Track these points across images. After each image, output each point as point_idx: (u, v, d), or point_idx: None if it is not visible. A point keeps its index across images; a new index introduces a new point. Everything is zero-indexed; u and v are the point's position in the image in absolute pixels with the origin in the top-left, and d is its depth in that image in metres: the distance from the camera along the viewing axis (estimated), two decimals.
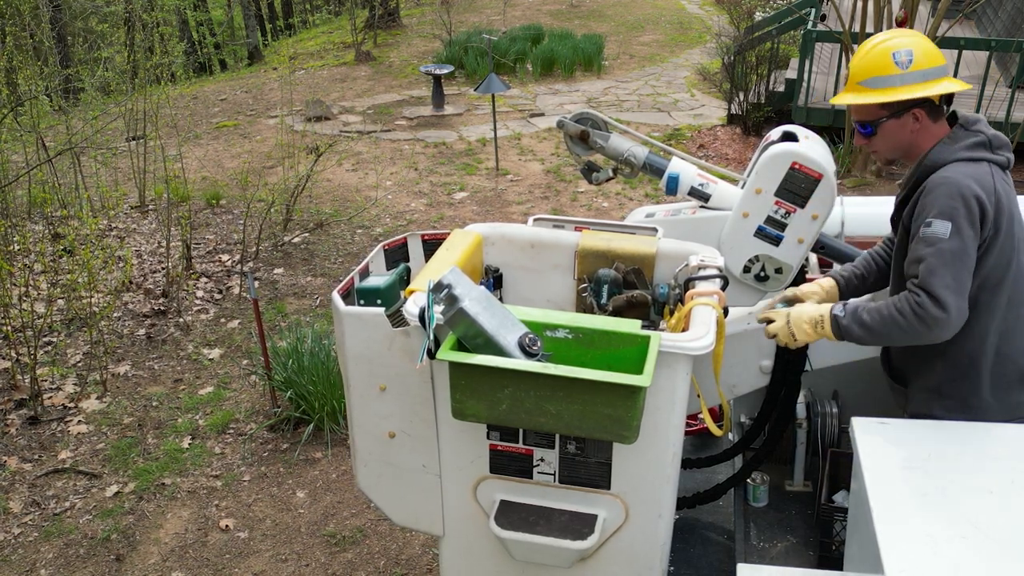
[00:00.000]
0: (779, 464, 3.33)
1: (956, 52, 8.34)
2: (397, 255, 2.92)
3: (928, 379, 2.45)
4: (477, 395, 2.19)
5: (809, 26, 9.04)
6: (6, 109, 6.47)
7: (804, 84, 9.00)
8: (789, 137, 2.95)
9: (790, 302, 2.62)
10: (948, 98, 2.43)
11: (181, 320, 5.83)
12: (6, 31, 7.23)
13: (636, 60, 13.17)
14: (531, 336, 2.21)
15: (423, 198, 8.03)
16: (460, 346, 2.22)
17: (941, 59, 2.37)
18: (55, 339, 5.57)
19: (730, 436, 3.46)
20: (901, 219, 2.46)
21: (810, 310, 2.44)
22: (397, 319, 2.42)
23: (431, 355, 2.22)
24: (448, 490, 2.58)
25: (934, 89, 2.33)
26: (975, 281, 2.28)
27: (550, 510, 2.47)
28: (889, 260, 2.72)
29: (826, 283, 2.72)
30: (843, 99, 2.46)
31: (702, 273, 2.60)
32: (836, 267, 2.98)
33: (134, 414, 4.90)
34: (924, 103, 2.36)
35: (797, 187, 2.82)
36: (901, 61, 2.34)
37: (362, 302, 2.57)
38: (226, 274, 6.53)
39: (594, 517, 2.45)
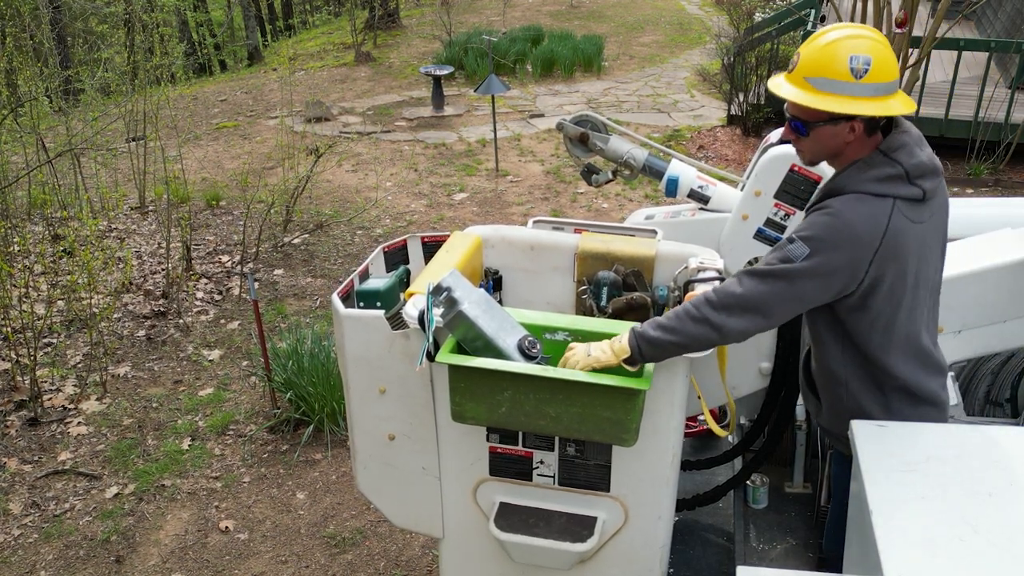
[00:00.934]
0: (779, 466, 3.34)
1: (956, 52, 8.35)
2: (397, 257, 2.93)
3: (837, 403, 2.40)
4: (477, 398, 2.19)
5: (809, 27, 9.04)
6: (6, 110, 6.48)
7: None
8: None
9: None
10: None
11: (181, 321, 5.84)
12: (6, 32, 7.23)
13: (636, 61, 13.18)
14: (530, 339, 2.21)
15: (423, 199, 8.04)
16: (460, 349, 2.23)
17: (895, 72, 2.23)
18: (55, 340, 5.58)
19: (730, 438, 3.47)
20: None
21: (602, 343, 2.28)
22: (397, 322, 2.43)
23: (431, 358, 2.23)
24: (448, 492, 2.58)
25: (882, 108, 2.17)
26: (865, 321, 2.23)
27: (549, 512, 2.48)
28: None
29: None
30: (783, 91, 2.26)
31: (702, 275, 2.60)
32: None
33: (134, 415, 4.91)
34: (860, 116, 2.20)
35: (796, 189, 2.83)
36: (857, 68, 2.16)
37: (362, 304, 2.58)
38: (226, 275, 6.54)
39: (593, 519, 2.45)
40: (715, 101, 10.86)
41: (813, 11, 9.66)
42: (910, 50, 7.99)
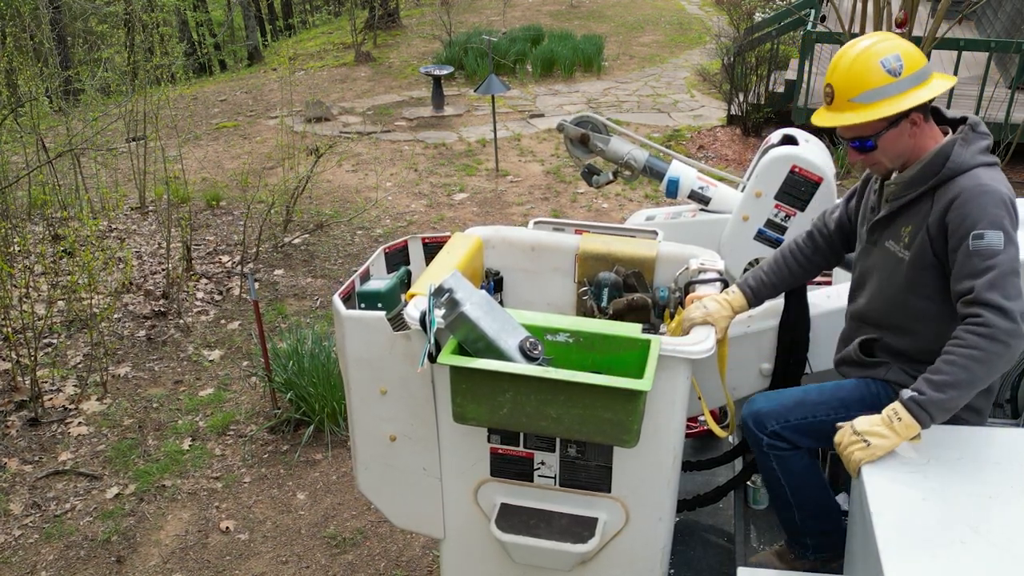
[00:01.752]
0: None
1: (956, 53, 8.35)
2: (398, 258, 2.93)
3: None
4: (478, 399, 2.20)
5: (809, 27, 9.05)
6: (7, 110, 6.48)
7: (804, 85, 9.00)
8: (789, 140, 2.97)
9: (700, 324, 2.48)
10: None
11: (181, 321, 5.84)
12: (6, 32, 7.23)
13: (636, 61, 13.18)
14: (532, 340, 2.22)
15: (423, 199, 8.04)
16: (461, 350, 2.23)
17: (924, 56, 2.29)
18: (55, 340, 5.58)
19: (730, 439, 3.47)
20: (885, 222, 2.39)
21: (871, 418, 2.16)
22: (398, 323, 2.43)
23: (432, 359, 2.23)
24: (449, 493, 2.59)
25: (930, 90, 2.25)
26: None
27: (550, 513, 2.48)
28: (806, 262, 2.65)
29: (733, 299, 2.59)
30: (836, 120, 2.32)
31: (703, 276, 2.61)
32: (742, 276, 2.82)
33: (134, 415, 4.91)
34: (919, 106, 2.27)
35: (797, 190, 2.83)
36: (892, 68, 2.23)
37: (363, 306, 2.58)
38: (226, 275, 6.54)
39: (594, 520, 2.46)
40: (715, 101, 10.87)
41: (813, 11, 9.66)
42: None
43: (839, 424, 2.26)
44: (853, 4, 8.61)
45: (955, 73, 8.29)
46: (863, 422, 2.15)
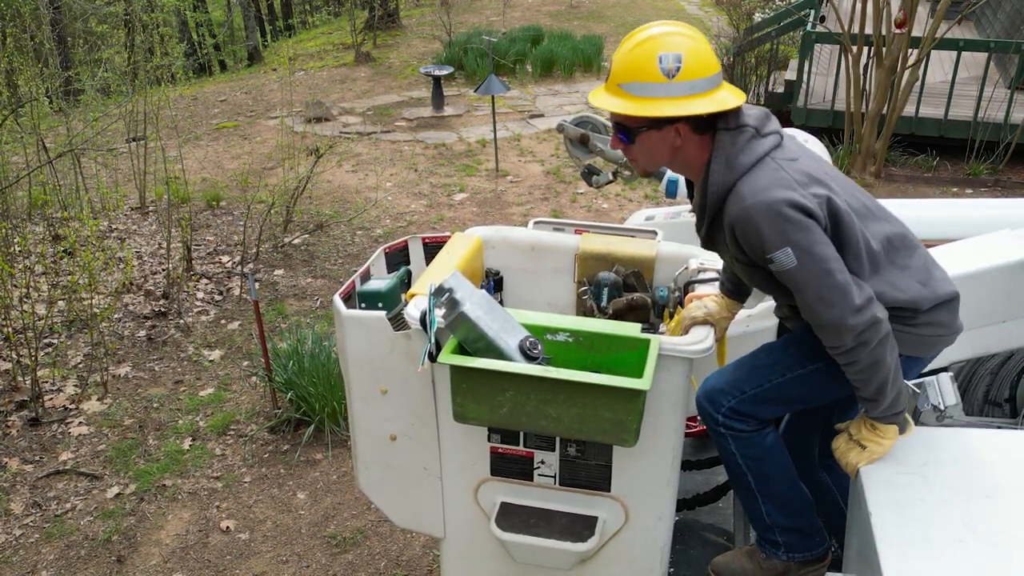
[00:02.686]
0: None
1: (955, 53, 8.36)
2: (398, 258, 2.94)
3: None
4: (478, 398, 2.20)
5: (808, 27, 9.06)
6: (7, 111, 6.48)
7: (804, 85, 9.01)
8: None
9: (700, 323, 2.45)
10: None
11: (181, 321, 5.85)
12: (7, 33, 7.23)
13: None
14: (532, 339, 2.22)
15: (423, 199, 8.04)
16: (461, 350, 2.24)
17: (715, 67, 2.10)
18: (56, 341, 5.58)
19: None
20: (709, 240, 2.29)
21: (859, 423, 2.20)
22: (398, 322, 2.44)
23: (432, 358, 2.24)
24: (449, 492, 2.59)
25: (700, 105, 2.05)
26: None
27: (550, 512, 2.49)
28: None
29: (722, 301, 2.53)
30: (600, 101, 2.17)
31: (702, 276, 2.62)
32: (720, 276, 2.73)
33: (135, 415, 4.91)
34: (689, 118, 2.08)
35: None
36: (668, 69, 2.04)
37: (363, 305, 2.59)
38: (226, 275, 6.54)
39: (594, 519, 2.46)
40: None
41: (813, 11, 9.67)
42: (909, 50, 8.01)
43: (839, 426, 2.27)
44: (853, 4, 8.62)
45: (954, 73, 8.30)
46: (856, 427, 2.19)
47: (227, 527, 4.08)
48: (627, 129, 2.16)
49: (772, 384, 2.32)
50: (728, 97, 2.09)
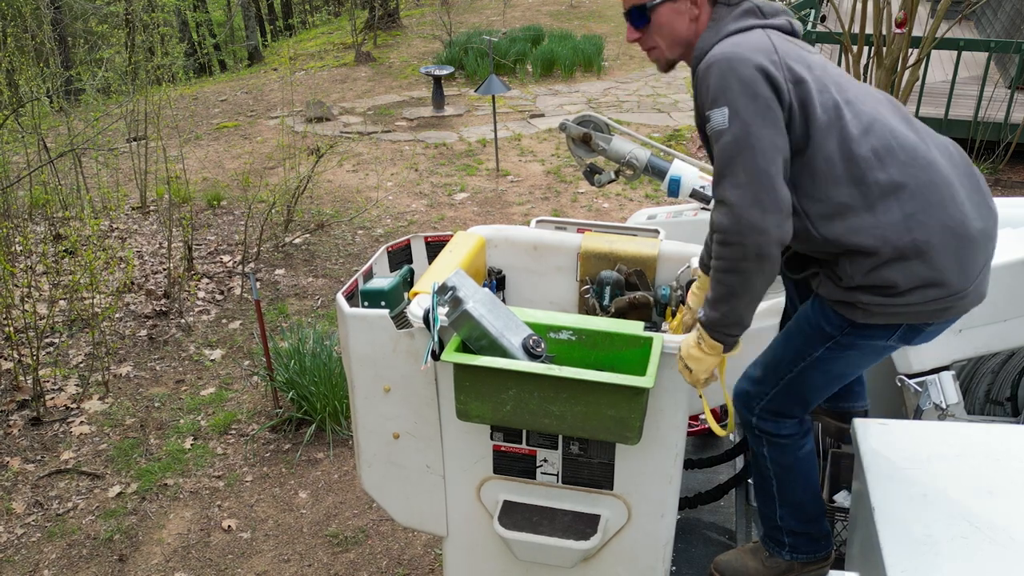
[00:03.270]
0: None
1: (955, 52, 8.36)
2: (400, 257, 2.94)
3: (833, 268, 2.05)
4: (481, 397, 2.20)
5: (809, 27, 9.06)
6: (8, 111, 6.48)
7: None
8: None
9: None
10: None
11: (183, 321, 5.85)
12: (7, 32, 7.23)
13: (636, 61, 13.18)
14: (535, 338, 2.22)
15: (424, 199, 8.05)
16: (464, 348, 2.24)
17: None
18: (57, 340, 5.58)
19: (731, 436, 3.48)
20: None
21: (688, 339, 2.12)
22: (401, 321, 2.44)
23: (436, 357, 2.24)
24: (452, 491, 2.59)
25: None
26: (819, 157, 1.91)
27: (553, 510, 2.49)
28: None
29: (701, 280, 2.47)
30: None
31: None
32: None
33: (136, 415, 4.92)
34: None
35: None
36: None
37: (366, 304, 2.59)
38: (227, 275, 6.55)
39: (597, 517, 2.47)
40: None
41: (813, 11, 9.67)
42: (910, 50, 8.01)
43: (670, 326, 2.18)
44: (853, 4, 8.62)
45: (955, 73, 8.30)
46: (684, 346, 2.10)
47: (229, 526, 4.08)
48: (641, 10, 2.04)
49: (793, 375, 2.21)
50: None
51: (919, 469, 1.98)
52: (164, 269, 6.42)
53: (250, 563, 3.87)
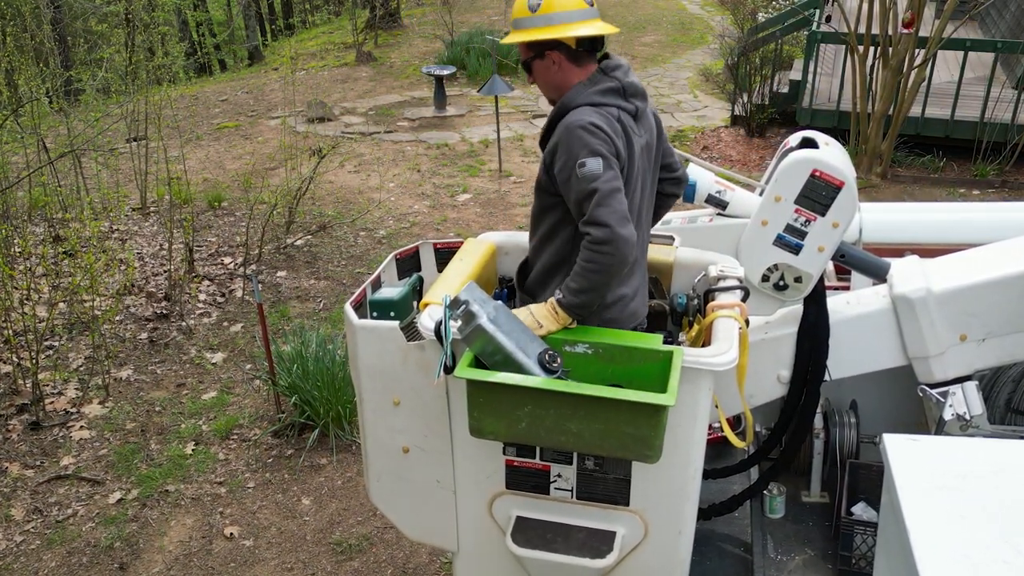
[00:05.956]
0: (796, 475, 3.29)
1: (962, 53, 8.31)
2: (409, 265, 2.87)
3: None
4: (496, 413, 2.14)
5: (813, 27, 9.00)
6: (7, 111, 6.42)
7: (808, 86, 8.95)
8: (808, 143, 2.91)
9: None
10: (599, 42, 2.55)
11: (183, 324, 5.78)
12: (7, 32, 7.16)
13: (638, 61, 13.12)
14: (551, 352, 2.16)
15: (426, 200, 7.98)
16: (477, 363, 2.17)
17: (577, 4, 2.48)
18: (57, 343, 5.52)
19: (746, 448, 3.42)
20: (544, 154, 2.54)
21: (541, 306, 2.43)
22: (411, 332, 2.37)
23: (448, 371, 2.17)
24: (463, 506, 2.53)
25: (557, 32, 2.42)
26: None
27: (568, 527, 2.42)
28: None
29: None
30: (506, 38, 2.59)
31: (723, 284, 2.55)
32: None
33: (137, 419, 4.85)
34: (560, 47, 2.46)
35: (817, 195, 2.76)
36: (532, 4, 2.45)
37: (375, 315, 2.53)
38: (228, 277, 6.48)
39: (613, 534, 2.40)
40: (718, 101, 10.81)
41: (817, 11, 9.61)
42: (916, 50, 7.95)
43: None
44: (859, 4, 8.56)
45: (961, 73, 8.24)
46: (537, 309, 2.37)
47: (231, 533, 4.02)
48: (526, 63, 2.56)
49: None
50: (586, 30, 2.48)
51: (954, 488, 1.91)
52: (165, 271, 6.36)
53: (252, 571, 3.81)
